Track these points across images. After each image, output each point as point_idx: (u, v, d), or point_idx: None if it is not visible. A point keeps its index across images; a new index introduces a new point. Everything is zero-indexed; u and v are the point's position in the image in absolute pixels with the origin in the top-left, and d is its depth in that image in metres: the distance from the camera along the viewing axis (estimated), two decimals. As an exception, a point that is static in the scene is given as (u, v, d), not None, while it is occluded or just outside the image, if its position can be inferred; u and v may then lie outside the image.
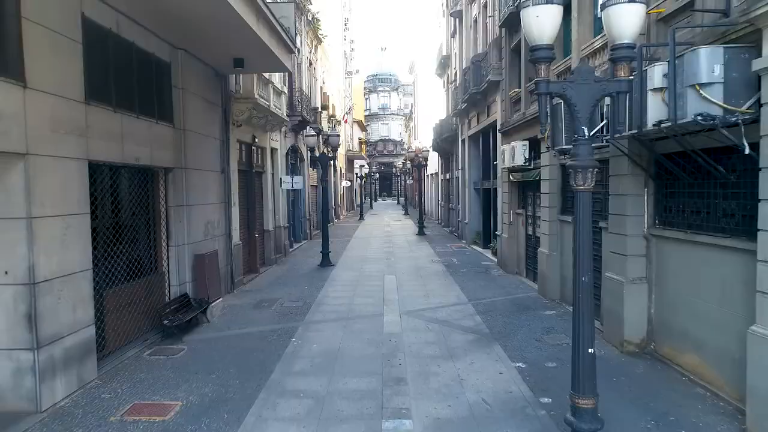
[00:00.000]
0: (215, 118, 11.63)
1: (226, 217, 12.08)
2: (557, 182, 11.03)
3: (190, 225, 9.98)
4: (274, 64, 11.48)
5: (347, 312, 10.53)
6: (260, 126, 14.62)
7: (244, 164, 14.05)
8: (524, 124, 12.56)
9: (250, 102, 12.59)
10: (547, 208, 11.24)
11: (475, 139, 20.19)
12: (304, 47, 23.10)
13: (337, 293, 12.30)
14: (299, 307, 10.91)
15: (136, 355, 7.93)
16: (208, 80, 11.18)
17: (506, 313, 10.19)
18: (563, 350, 7.90)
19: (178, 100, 9.67)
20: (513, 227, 14.46)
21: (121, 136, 7.71)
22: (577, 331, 4.58)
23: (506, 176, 14.50)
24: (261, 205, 15.85)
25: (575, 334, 4.60)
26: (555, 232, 11.11)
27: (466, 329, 9.18)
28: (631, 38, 4.41)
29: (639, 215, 7.66)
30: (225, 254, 11.95)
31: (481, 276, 14.24)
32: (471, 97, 17.84)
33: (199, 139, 10.54)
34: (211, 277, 10.29)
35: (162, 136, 9.10)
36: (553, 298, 11.09)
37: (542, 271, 11.57)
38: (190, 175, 10.04)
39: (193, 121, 10.26)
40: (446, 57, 26.74)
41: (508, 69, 14.38)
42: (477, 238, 20.22)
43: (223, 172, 11.92)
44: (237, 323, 9.76)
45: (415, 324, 9.56)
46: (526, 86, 12.75)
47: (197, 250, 10.22)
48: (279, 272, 15.20)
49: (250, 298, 11.76)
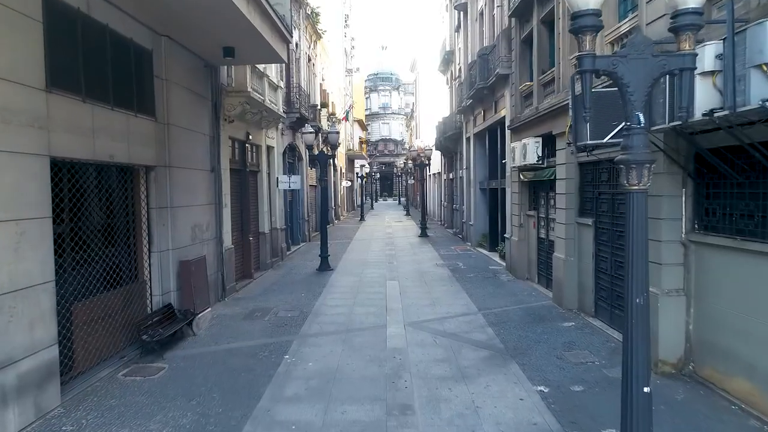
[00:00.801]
0: (204, 113, 10.77)
1: (216, 219, 11.22)
2: (575, 182, 10.16)
3: (175, 228, 9.12)
4: (267, 54, 10.62)
5: (347, 323, 9.67)
6: (255, 122, 13.76)
7: (237, 163, 13.18)
8: (537, 119, 11.69)
9: (243, 96, 11.73)
10: (564, 209, 10.37)
11: (480, 136, 19.33)
12: (302, 42, 22.26)
13: (335, 301, 11.43)
14: (294, 318, 10.04)
15: (109, 376, 7.06)
16: (196, 71, 10.31)
17: (520, 325, 9.32)
18: (589, 371, 7.03)
19: (161, 91, 8.81)
20: (523, 230, 13.59)
21: (92, 130, 6.84)
22: (629, 366, 3.70)
23: (516, 175, 13.63)
24: (256, 206, 14.99)
25: (626, 369, 3.72)
26: (572, 235, 10.24)
27: (478, 344, 8.31)
28: (698, 2, 3.54)
29: (675, 219, 6.79)
30: (215, 259, 11.09)
31: (489, 282, 13.37)
32: (477, 93, 16.98)
33: (185, 134, 9.68)
34: (198, 286, 9.43)
35: (142, 130, 8.24)
36: (570, 307, 10.22)
37: (558, 278, 10.70)
38: (175, 174, 9.18)
39: (179, 115, 9.40)
40: (450, 52, 25.88)
41: (519, 61, 13.51)
42: (483, 241, 19.36)
43: (213, 171, 11.05)
44: (226, 336, 8.89)
45: (422, 337, 8.69)
46: (538, 79, 11.88)
47: (183, 255, 9.35)
48: (275, 277, 14.33)
49: (242, 307, 10.89)
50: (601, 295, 9.37)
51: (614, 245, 8.76)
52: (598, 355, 7.63)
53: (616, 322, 8.68)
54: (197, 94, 10.36)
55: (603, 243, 9.24)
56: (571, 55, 9.92)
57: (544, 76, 11.62)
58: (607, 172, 9.02)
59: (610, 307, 8.96)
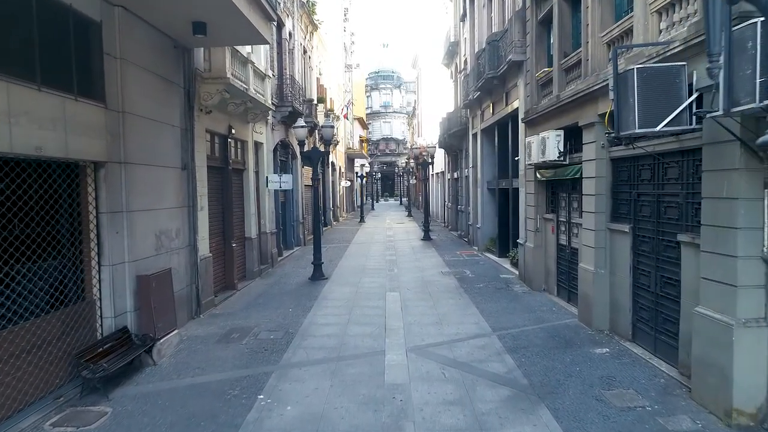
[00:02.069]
0: (174, 101, 9.29)
1: (189, 224, 9.74)
2: (606, 181, 8.67)
3: (133, 236, 7.65)
4: (247, 33, 9.12)
5: (338, 347, 8.18)
6: (238, 115, 12.28)
7: (216, 159, 11.70)
8: (558, 110, 10.19)
9: (221, 83, 10.24)
10: (592, 213, 8.87)
11: (489, 132, 17.82)
12: (297, 32, 20.79)
13: (327, 318, 9.94)
14: (277, 341, 8.56)
15: (34, 426, 5.60)
16: (163, 52, 8.84)
17: (544, 351, 7.82)
18: (641, 420, 5.54)
19: (114, 72, 7.32)
20: (540, 235, 12.09)
21: (7, 114, 5.37)
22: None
23: (532, 174, 12.13)
24: (241, 208, 13.50)
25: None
26: (603, 244, 8.74)
27: (496, 378, 6.82)
28: None
29: (755, 228, 5.29)
30: (187, 271, 9.61)
31: (502, 294, 11.86)
32: (486, 83, 15.46)
33: (147, 125, 8.21)
34: (162, 304, 7.95)
35: (87, 118, 6.76)
36: (600, 328, 8.73)
37: (584, 293, 9.20)
38: (134, 172, 7.71)
39: (139, 101, 7.93)
40: (454, 44, 24.37)
41: (535, 46, 12.00)
42: (491, 245, 17.85)
43: (185, 169, 9.57)
44: (192, 367, 7.41)
45: (428, 368, 7.20)
46: (560, 63, 10.37)
47: (144, 268, 7.88)
48: (261, 288, 12.84)
49: (218, 326, 9.41)
50: (640, 316, 7.87)
51: (660, 257, 7.26)
52: (647, 396, 6.13)
53: (663, 351, 7.18)
54: (165, 79, 8.89)
55: (644, 254, 7.73)
56: (603, 32, 8.43)
57: (566, 60, 10.11)
58: (649, 168, 7.52)
59: (653, 331, 7.46)
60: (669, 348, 7.03)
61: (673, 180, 6.91)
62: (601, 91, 8.20)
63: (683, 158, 6.65)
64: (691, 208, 6.51)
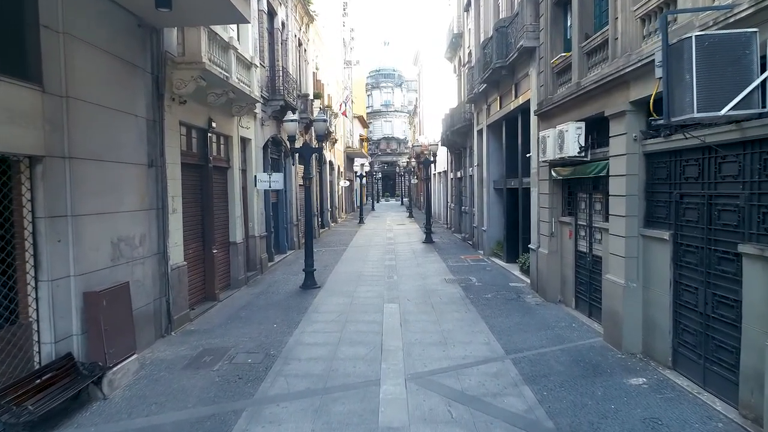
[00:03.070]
0: (139, 88, 8.08)
1: (159, 229, 8.53)
2: (639, 179, 7.44)
3: (81, 245, 6.43)
4: (222, 9, 7.91)
5: (326, 376, 6.96)
6: (220, 106, 11.05)
7: (194, 156, 10.47)
8: (578, 99, 8.97)
9: (196, 68, 9.01)
10: (622, 217, 7.64)
11: (495, 128, 16.58)
12: (291, 22, 19.58)
13: (316, 336, 8.72)
14: (255, 366, 7.34)
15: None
16: (124, 31, 7.63)
17: (569, 381, 6.59)
18: (707, 486, 4.30)
19: (54, 49, 6.11)
20: (555, 240, 10.86)
21: None
22: None
23: (546, 172, 10.90)
24: (225, 210, 12.28)
25: None
26: (635, 252, 7.51)
27: (515, 420, 5.59)
28: None
29: None
30: (156, 283, 8.40)
31: (513, 306, 10.63)
32: (493, 74, 14.23)
33: (102, 114, 7.00)
34: (116, 325, 6.73)
35: (15, 102, 5.56)
36: (631, 351, 7.50)
37: (612, 309, 7.96)
38: (83, 169, 6.51)
39: (90, 86, 6.72)
40: (458, 35, 23.14)
41: (550, 29, 10.76)
42: (498, 250, 16.61)
43: (152, 166, 8.36)
44: (149, 402, 6.19)
45: (431, 405, 5.98)
46: (580, 46, 9.13)
47: (97, 283, 6.66)
48: (246, 299, 11.62)
49: (189, 347, 8.19)
50: (683, 340, 6.63)
51: (712, 271, 6.02)
52: (707, 449, 4.91)
53: (716, 385, 5.95)
54: (126, 62, 7.68)
55: (688, 266, 6.50)
56: (636, 4, 7.19)
57: (588, 42, 8.88)
58: (696, 164, 6.29)
59: (702, 359, 6.22)
60: (725, 382, 5.80)
61: (731, 178, 5.68)
62: (635, 73, 6.98)
63: (745, 151, 5.41)
64: (757, 213, 5.27)
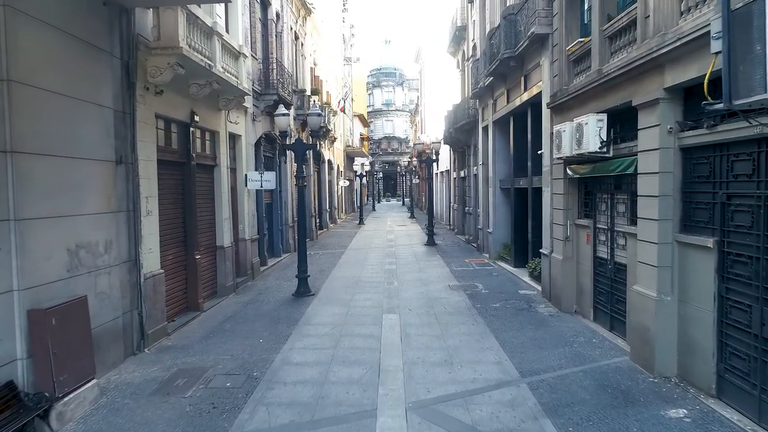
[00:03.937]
0: (104, 75, 7.14)
1: (128, 234, 7.60)
2: (674, 177, 6.49)
3: (27, 255, 5.50)
4: (198, -16, 6.99)
5: (314, 404, 6.01)
6: (204, 99, 10.12)
7: (174, 153, 9.53)
8: (600, 87, 8.02)
9: (173, 54, 8.06)
10: (654, 221, 6.68)
11: (502, 124, 15.62)
12: (286, 14, 18.66)
13: (306, 354, 7.78)
14: (234, 392, 6.40)
15: None
16: (83, 8, 6.69)
17: (597, 413, 5.64)
18: None
19: (-9, 23, 5.19)
20: (571, 245, 9.90)
21: None
22: None
23: (560, 170, 9.96)
24: (210, 211, 11.33)
25: None
26: (669, 261, 6.55)
27: (538, 466, 4.65)
28: None
29: None
30: (125, 294, 7.46)
31: (524, 317, 9.67)
32: (501, 66, 13.28)
33: (56, 103, 6.07)
34: (69, 347, 5.79)
35: (-64, 85, 4.64)
36: (665, 374, 6.54)
37: (641, 325, 7.00)
38: (30, 165, 5.58)
39: (40, 69, 5.79)
40: (461, 28, 22.18)
41: (565, 13, 9.81)
42: (505, 254, 15.65)
43: (121, 163, 7.42)
44: (103, 439, 5.27)
45: (436, 445, 5.04)
46: (601, 30, 8.17)
47: (49, 297, 5.73)
48: (233, 308, 10.68)
49: (162, 367, 7.25)
50: (732, 366, 5.68)
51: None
52: None
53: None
54: (88, 44, 6.74)
55: (738, 279, 5.55)
56: (673, -24, 6.23)
57: (612, 25, 7.92)
58: (749, 159, 5.34)
59: (757, 390, 5.27)
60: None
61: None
62: (672, 54, 6.04)
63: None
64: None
